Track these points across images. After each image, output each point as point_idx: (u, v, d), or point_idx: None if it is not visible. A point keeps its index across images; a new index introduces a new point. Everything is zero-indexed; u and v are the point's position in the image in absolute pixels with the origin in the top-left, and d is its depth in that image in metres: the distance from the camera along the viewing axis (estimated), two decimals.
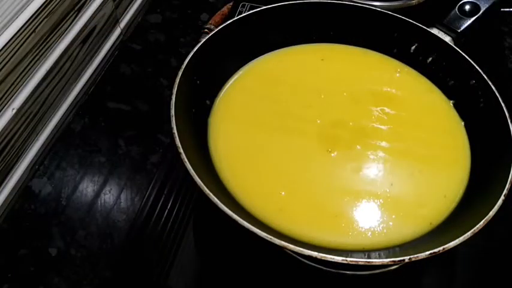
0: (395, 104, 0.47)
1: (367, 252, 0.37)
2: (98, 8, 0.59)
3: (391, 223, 0.38)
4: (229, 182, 0.40)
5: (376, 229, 0.38)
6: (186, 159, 0.35)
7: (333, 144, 0.43)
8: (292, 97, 0.47)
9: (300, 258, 0.41)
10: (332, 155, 0.42)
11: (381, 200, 0.39)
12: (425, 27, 0.48)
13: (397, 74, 0.49)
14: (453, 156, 0.43)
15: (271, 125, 0.45)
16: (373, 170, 0.42)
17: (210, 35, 0.45)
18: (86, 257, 0.47)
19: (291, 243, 0.32)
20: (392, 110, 0.46)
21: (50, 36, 0.52)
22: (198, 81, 0.45)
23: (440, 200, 0.40)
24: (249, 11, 0.49)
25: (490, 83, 0.42)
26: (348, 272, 0.42)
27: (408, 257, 0.31)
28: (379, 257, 0.33)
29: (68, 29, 0.55)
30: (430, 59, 0.48)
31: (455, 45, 0.46)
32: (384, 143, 0.43)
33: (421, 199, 0.40)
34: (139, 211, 0.49)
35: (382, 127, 0.45)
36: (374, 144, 0.43)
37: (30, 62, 0.49)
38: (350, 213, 0.39)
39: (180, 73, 0.42)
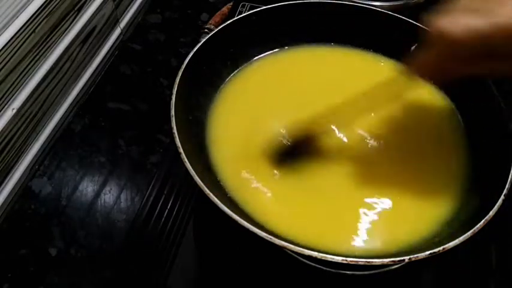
0: (394, 104, 0.47)
1: (367, 251, 0.37)
2: (97, 8, 0.59)
3: (392, 224, 0.38)
4: (229, 182, 0.40)
5: (377, 230, 0.38)
6: (186, 159, 0.35)
7: (334, 144, 0.43)
8: (292, 98, 0.47)
9: (300, 258, 0.41)
10: (332, 154, 0.42)
11: (382, 202, 0.39)
12: (426, 27, 0.48)
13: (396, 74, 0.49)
14: (453, 157, 0.43)
15: (271, 125, 0.45)
16: (372, 171, 0.41)
17: (210, 35, 0.45)
18: (86, 257, 0.47)
19: (291, 243, 0.32)
20: (391, 110, 0.46)
21: (50, 36, 0.52)
22: (198, 81, 0.45)
23: (440, 200, 0.40)
24: (249, 11, 0.49)
25: (490, 83, 0.42)
26: (347, 272, 0.42)
27: (408, 257, 0.31)
28: (380, 257, 0.33)
29: (67, 29, 0.55)
30: None
31: None
32: (385, 144, 0.43)
33: (422, 200, 0.40)
34: (139, 211, 0.49)
35: (382, 128, 0.45)
36: (373, 146, 0.43)
37: (30, 62, 0.49)
38: (351, 214, 0.39)
39: (180, 73, 0.42)
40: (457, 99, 0.47)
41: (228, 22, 0.47)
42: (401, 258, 0.32)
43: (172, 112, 0.39)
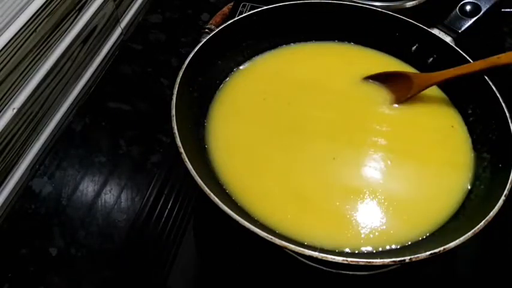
0: (399, 104, 0.47)
1: (367, 252, 0.37)
2: (98, 8, 0.59)
3: (392, 224, 0.38)
4: (229, 182, 0.40)
5: (377, 230, 0.38)
6: (186, 159, 0.35)
7: (334, 144, 0.43)
8: (293, 97, 0.47)
9: (300, 258, 0.41)
10: (333, 154, 0.42)
11: (382, 201, 0.39)
12: (426, 28, 0.48)
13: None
14: (454, 157, 0.43)
15: (271, 124, 0.45)
16: (374, 172, 0.41)
17: (210, 35, 0.45)
18: (86, 257, 0.47)
19: (291, 243, 0.32)
20: (394, 110, 0.46)
21: (51, 36, 0.52)
22: (198, 82, 0.45)
23: (441, 201, 0.40)
24: (249, 11, 0.49)
25: (490, 83, 0.42)
26: (348, 272, 0.42)
27: (409, 257, 0.31)
28: (380, 257, 0.33)
29: (68, 29, 0.55)
30: (431, 59, 0.48)
31: (456, 45, 0.46)
32: (386, 145, 0.43)
33: (423, 200, 0.40)
34: (139, 211, 0.49)
35: (384, 128, 0.45)
36: (376, 145, 0.43)
37: (31, 61, 0.49)
38: (351, 215, 0.39)
39: (180, 73, 0.42)
40: (460, 101, 0.47)
41: (229, 22, 0.47)
42: (402, 258, 0.32)
43: (173, 112, 0.39)
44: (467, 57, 0.44)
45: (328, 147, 0.43)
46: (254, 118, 0.46)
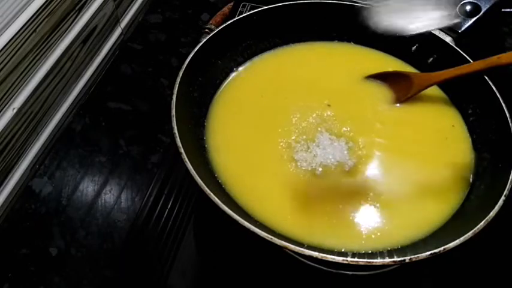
0: (400, 105, 0.47)
1: (367, 252, 0.37)
2: (98, 8, 0.59)
3: (392, 224, 0.38)
4: (229, 182, 0.40)
5: (378, 230, 0.38)
6: (186, 159, 0.35)
7: (335, 143, 0.43)
8: (293, 96, 0.47)
9: (300, 258, 0.41)
10: (335, 154, 0.42)
11: (383, 201, 0.39)
12: None
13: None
14: (454, 157, 0.43)
15: (271, 124, 0.45)
16: (374, 171, 0.41)
17: (210, 35, 0.45)
18: (86, 257, 0.47)
19: (291, 243, 0.32)
20: (394, 110, 0.46)
21: (51, 36, 0.52)
22: (198, 82, 0.45)
23: (441, 201, 0.40)
24: (249, 11, 0.49)
25: (490, 83, 0.42)
26: (348, 272, 0.42)
27: (409, 257, 0.31)
28: (380, 257, 0.33)
29: (68, 29, 0.55)
30: (431, 59, 0.48)
31: (456, 45, 0.46)
32: (386, 144, 0.43)
33: (423, 200, 0.40)
34: (139, 211, 0.49)
35: (384, 127, 0.45)
36: (374, 145, 0.43)
37: (31, 61, 0.49)
38: (351, 214, 0.39)
39: (180, 73, 0.42)
40: (460, 101, 0.47)
41: (229, 22, 0.47)
42: (402, 258, 0.32)
43: (173, 112, 0.39)
44: (467, 57, 0.44)
45: (330, 145, 0.43)
46: (254, 118, 0.46)
